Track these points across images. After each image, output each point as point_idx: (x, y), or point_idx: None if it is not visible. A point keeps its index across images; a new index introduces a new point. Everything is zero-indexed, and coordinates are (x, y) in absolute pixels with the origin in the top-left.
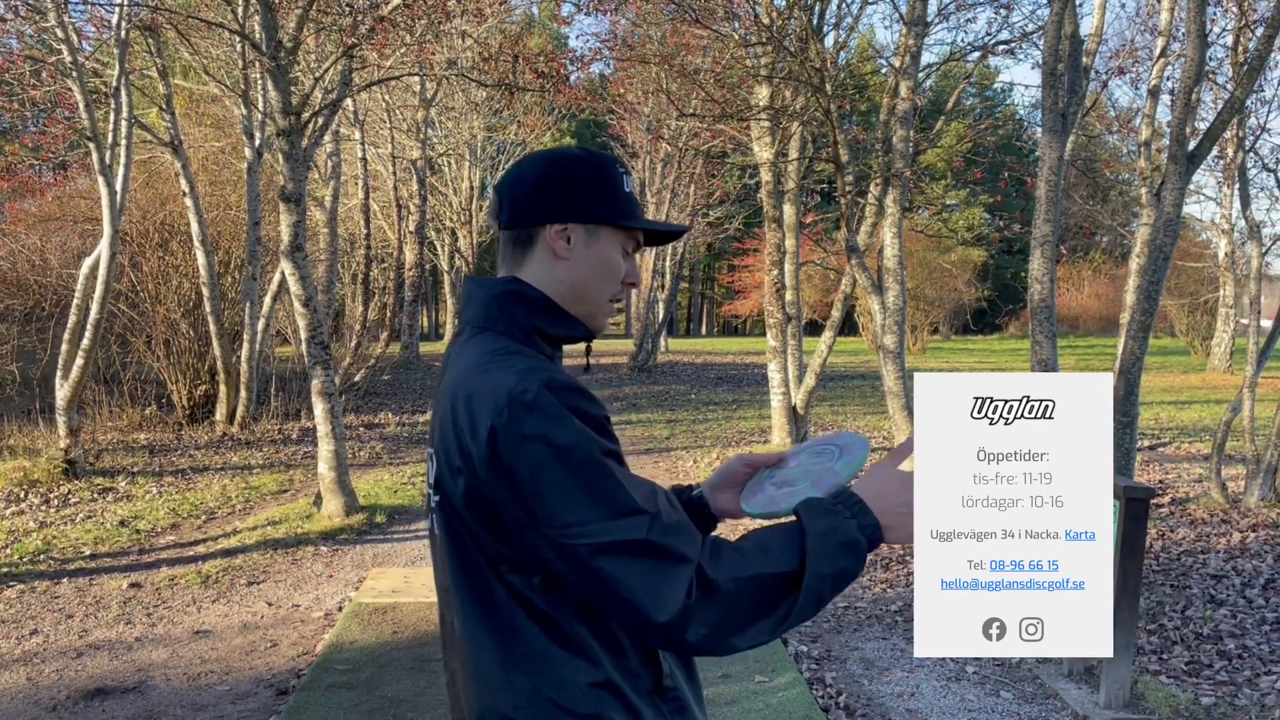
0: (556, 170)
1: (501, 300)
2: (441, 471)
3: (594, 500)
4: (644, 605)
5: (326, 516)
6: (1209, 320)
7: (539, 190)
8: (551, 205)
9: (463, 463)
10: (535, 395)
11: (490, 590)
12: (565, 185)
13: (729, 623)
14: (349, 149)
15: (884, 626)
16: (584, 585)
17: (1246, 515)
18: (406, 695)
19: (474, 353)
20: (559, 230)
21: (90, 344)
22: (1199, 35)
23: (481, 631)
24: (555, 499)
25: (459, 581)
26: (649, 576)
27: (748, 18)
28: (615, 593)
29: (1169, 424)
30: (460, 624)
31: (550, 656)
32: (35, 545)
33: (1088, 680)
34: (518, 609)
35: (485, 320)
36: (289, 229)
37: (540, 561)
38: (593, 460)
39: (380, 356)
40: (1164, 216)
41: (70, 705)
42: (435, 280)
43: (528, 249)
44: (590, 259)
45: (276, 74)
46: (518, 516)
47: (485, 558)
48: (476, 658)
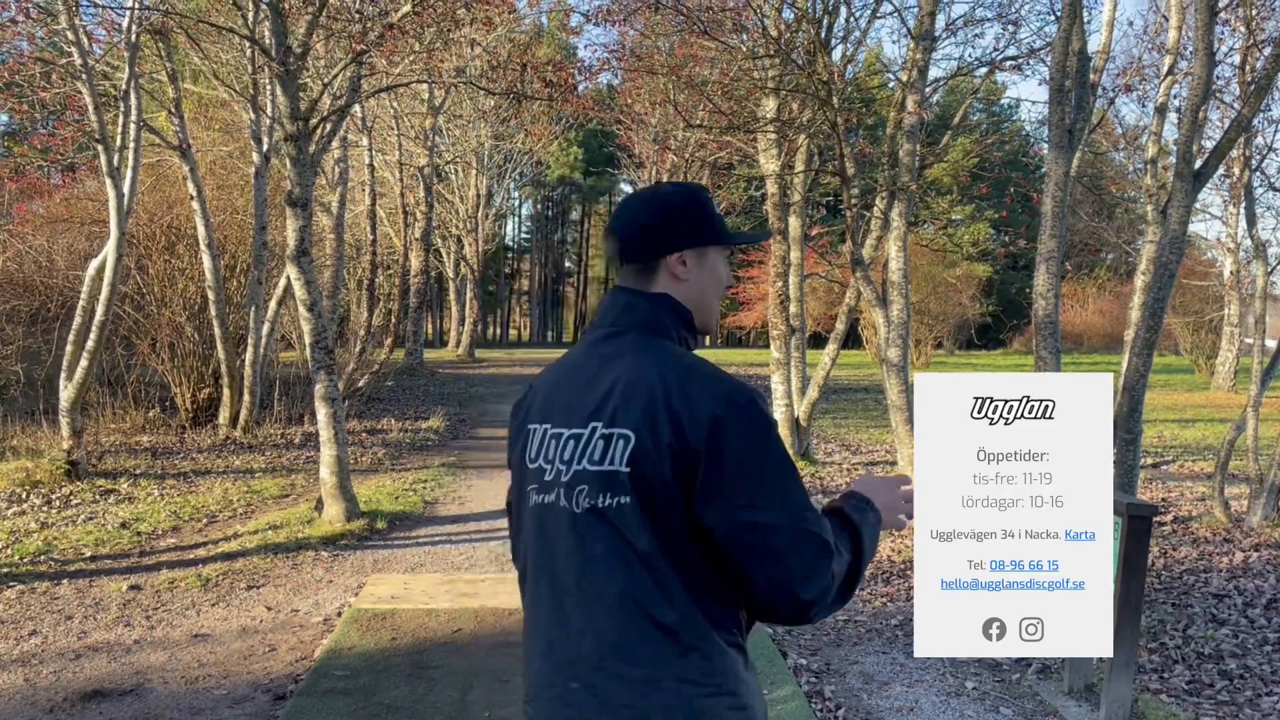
0: (664, 207)
1: (665, 311)
2: (643, 448)
3: (784, 491)
4: (797, 582)
5: (327, 521)
6: (1213, 339)
7: (647, 231)
8: (662, 241)
9: (674, 441)
10: (749, 400)
11: (664, 553)
12: (670, 223)
13: (829, 607)
14: (356, 155)
15: (884, 640)
16: (750, 556)
17: (1249, 535)
18: (404, 702)
19: (658, 352)
20: (676, 258)
21: (95, 346)
22: (1207, 53)
23: (641, 588)
24: (754, 484)
25: (634, 541)
26: (810, 561)
27: (756, 30)
28: (777, 568)
29: (1172, 442)
30: (613, 585)
31: (700, 611)
32: (36, 546)
33: (1088, 698)
34: (679, 572)
35: (654, 326)
36: (295, 233)
37: (717, 532)
38: (786, 459)
39: (384, 362)
40: (1170, 234)
41: (67, 707)
42: (440, 287)
43: (652, 274)
44: (703, 275)
45: (285, 79)
46: (716, 492)
47: (668, 526)
48: (629, 611)
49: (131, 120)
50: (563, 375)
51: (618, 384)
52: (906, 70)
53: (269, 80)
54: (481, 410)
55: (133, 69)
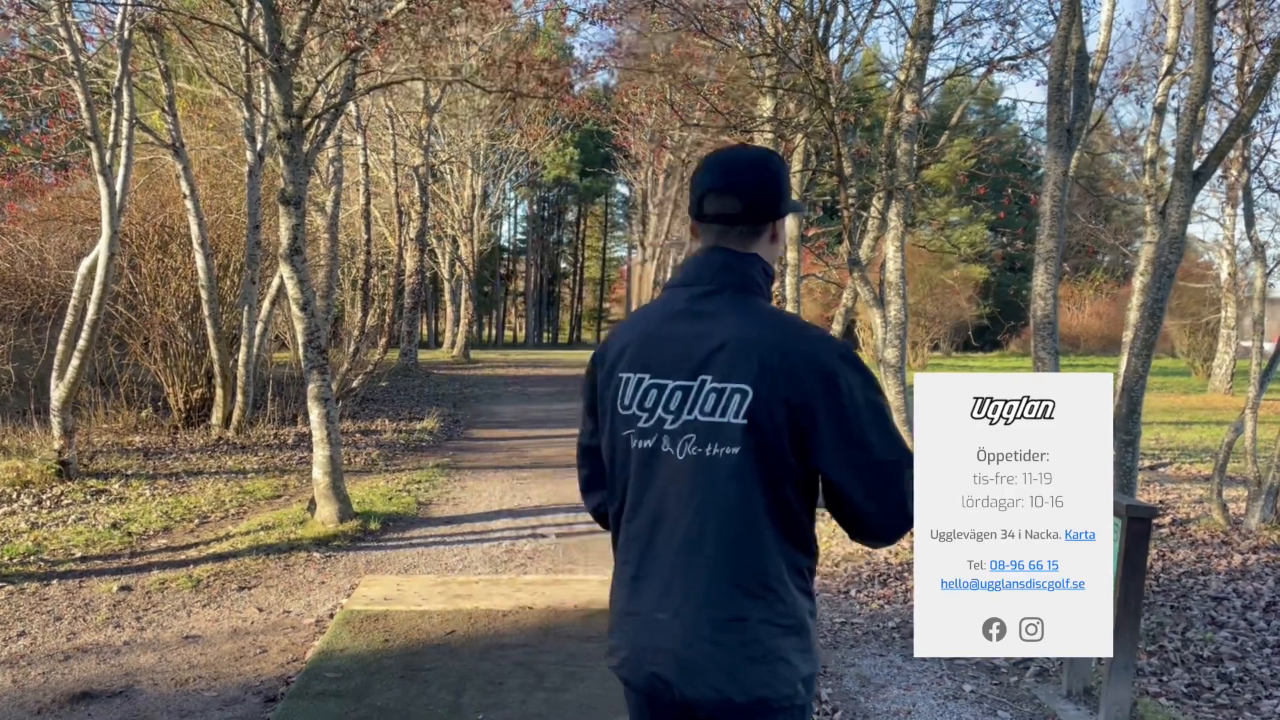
0: (775, 174)
1: (758, 271)
2: (760, 402)
3: (889, 428)
4: (908, 509)
5: (320, 522)
6: (1209, 341)
7: (773, 193)
8: (779, 203)
9: (790, 395)
10: (852, 352)
11: (764, 500)
12: (783, 187)
13: None
14: (351, 155)
15: (881, 643)
16: (870, 491)
17: (1247, 537)
18: (396, 704)
19: (759, 310)
20: (778, 222)
21: (87, 345)
22: (1206, 53)
23: (736, 531)
24: (869, 427)
25: (737, 488)
26: (910, 483)
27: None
28: (894, 499)
29: (1169, 444)
30: (709, 527)
31: (786, 557)
32: (26, 546)
33: (1086, 701)
34: (774, 519)
35: (749, 285)
36: (288, 232)
37: (835, 475)
38: (885, 400)
39: (378, 363)
40: (1170, 234)
41: (56, 709)
42: (435, 288)
43: (757, 237)
44: (782, 239)
45: (279, 76)
46: (834, 440)
47: (775, 476)
48: (722, 551)
49: (124, 118)
50: (657, 329)
51: (729, 341)
52: (904, 69)
53: (263, 77)
54: (476, 411)
55: (125, 65)
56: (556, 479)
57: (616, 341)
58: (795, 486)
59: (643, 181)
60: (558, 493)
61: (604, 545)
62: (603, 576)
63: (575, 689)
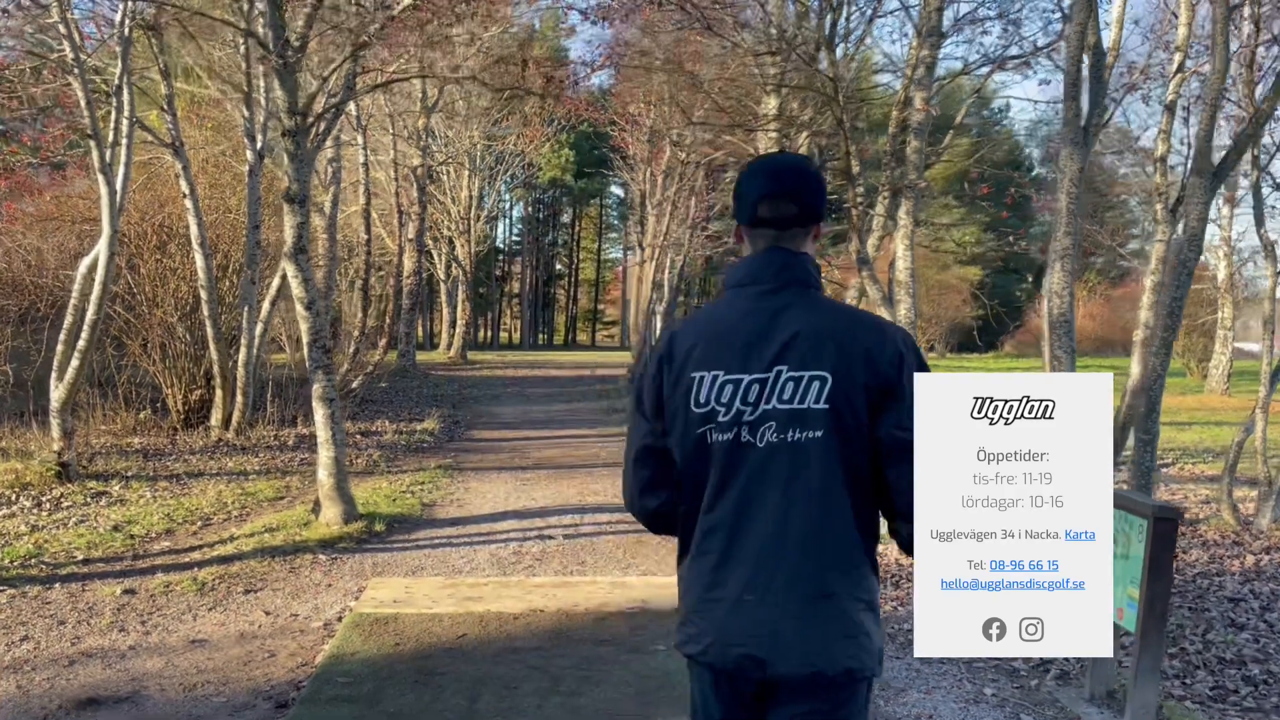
0: (820, 179)
1: (813, 268)
2: (839, 387)
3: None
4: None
5: (325, 524)
6: (1205, 342)
7: (821, 196)
8: (822, 206)
9: (869, 379)
10: (911, 338)
11: (845, 481)
12: (824, 193)
13: None
14: (349, 155)
15: (897, 645)
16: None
17: (1259, 537)
18: (410, 710)
19: (828, 304)
20: (821, 224)
21: (86, 346)
22: (1224, 47)
23: (819, 511)
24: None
25: (821, 470)
26: None
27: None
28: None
29: (1170, 445)
30: (795, 509)
31: (864, 534)
32: (27, 549)
33: (1110, 704)
34: (854, 497)
35: (809, 281)
36: (292, 230)
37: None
38: None
39: (378, 364)
40: (1189, 231)
41: (62, 715)
42: (431, 289)
43: (807, 236)
44: None
45: (283, 73)
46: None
47: (855, 457)
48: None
49: (124, 116)
50: (725, 327)
51: (801, 332)
52: (910, 66)
53: (265, 74)
54: (476, 412)
55: (125, 64)
56: (560, 480)
57: (683, 342)
58: (869, 467)
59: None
60: (562, 494)
61: (611, 546)
62: (613, 579)
63: (591, 693)
